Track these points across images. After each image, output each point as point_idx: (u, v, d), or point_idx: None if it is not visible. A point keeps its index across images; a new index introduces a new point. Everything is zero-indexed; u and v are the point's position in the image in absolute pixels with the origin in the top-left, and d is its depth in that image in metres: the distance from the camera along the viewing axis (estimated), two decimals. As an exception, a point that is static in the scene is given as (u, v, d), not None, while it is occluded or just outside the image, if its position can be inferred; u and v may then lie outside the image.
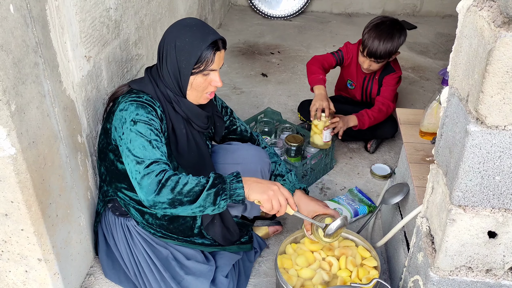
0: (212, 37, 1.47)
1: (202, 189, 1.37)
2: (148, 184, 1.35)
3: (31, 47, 1.33)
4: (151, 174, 1.37)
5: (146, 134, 1.43)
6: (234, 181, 1.40)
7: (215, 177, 1.40)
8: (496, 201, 1.15)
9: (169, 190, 1.35)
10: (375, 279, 1.50)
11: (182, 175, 1.39)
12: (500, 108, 1.02)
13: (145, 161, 1.39)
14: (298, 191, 1.71)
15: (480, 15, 1.02)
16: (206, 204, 1.37)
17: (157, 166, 1.39)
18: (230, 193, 1.39)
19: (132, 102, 1.48)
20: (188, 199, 1.36)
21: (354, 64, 2.59)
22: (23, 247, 1.51)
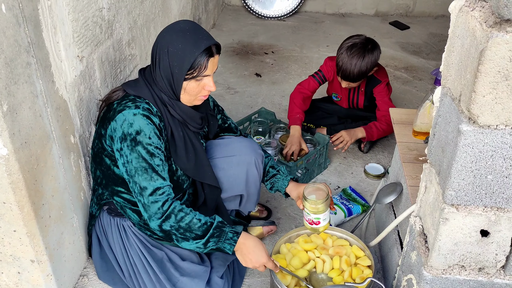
0: (205, 43, 1.46)
1: (196, 237, 1.50)
2: (153, 213, 1.48)
3: (23, 47, 1.32)
4: (155, 204, 1.48)
5: (147, 157, 1.47)
6: (228, 242, 1.52)
7: (213, 234, 1.50)
8: (488, 200, 1.16)
9: (169, 225, 1.49)
10: (369, 278, 1.51)
11: (186, 215, 1.49)
12: (492, 107, 1.03)
13: (148, 188, 1.47)
14: (291, 180, 1.81)
15: (472, 15, 1.03)
16: (194, 248, 1.53)
17: (161, 196, 1.48)
18: (219, 246, 1.52)
19: (130, 115, 1.46)
20: (181, 237, 1.50)
21: (336, 79, 2.57)
22: (15, 248, 1.50)
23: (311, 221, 1.64)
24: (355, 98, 2.63)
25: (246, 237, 1.54)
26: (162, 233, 1.50)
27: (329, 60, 2.60)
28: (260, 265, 1.53)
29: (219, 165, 1.76)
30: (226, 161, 1.76)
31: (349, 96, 2.64)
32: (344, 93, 2.64)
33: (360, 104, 2.64)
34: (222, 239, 1.51)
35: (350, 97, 2.64)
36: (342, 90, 2.63)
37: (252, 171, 1.76)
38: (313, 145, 2.42)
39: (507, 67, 0.97)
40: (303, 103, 2.54)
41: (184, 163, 1.62)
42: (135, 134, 1.46)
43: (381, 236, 1.73)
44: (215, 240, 1.51)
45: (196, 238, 1.49)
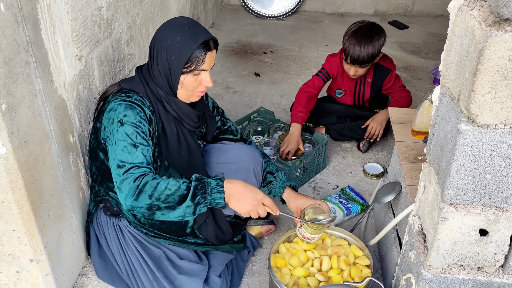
0: (203, 37, 1.47)
1: (181, 198, 1.37)
2: (127, 189, 1.36)
3: (22, 46, 1.32)
4: (129, 178, 1.37)
5: (132, 136, 1.43)
6: (215, 190, 1.40)
7: (196, 185, 1.38)
8: (487, 199, 1.16)
9: (146, 196, 1.35)
10: (368, 278, 1.51)
11: (162, 180, 1.37)
12: (491, 107, 1.03)
13: (126, 165, 1.39)
14: (288, 188, 1.76)
15: (471, 14, 1.03)
16: (185, 214, 1.39)
17: (137, 170, 1.38)
18: (210, 201, 1.40)
19: (121, 102, 1.48)
20: (166, 205, 1.36)
21: (340, 73, 2.61)
22: (14, 248, 1.50)
23: (306, 237, 1.64)
24: (361, 90, 2.63)
25: (231, 181, 1.43)
26: (145, 210, 1.36)
27: (331, 57, 2.61)
28: (259, 201, 1.44)
29: (217, 171, 1.76)
30: (224, 168, 1.76)
31: (355, 89, 2.64)
32: (350, 87, 2.64)
33: (366, 96, 2.64)
34: (208, 190, 1.39)
35: (356, 90, 2.64)
36: (347, 83, 2.63)
37: (251, 179, 1.76)
38: (312, 144, 2.42)
39: (506, 67, 0.97)
40: (308, 103, 2.53)
41: (175, 160, 1.62)
42: (123, 116, 1.45)
43: (380, 236, 1.73)
44: (201, 193, 1.38)
45: (181, 200, 1.36)
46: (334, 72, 2.61)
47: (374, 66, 2.54)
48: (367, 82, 2.60)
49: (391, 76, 2.56)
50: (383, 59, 2.55)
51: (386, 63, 2.56)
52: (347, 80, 2.62)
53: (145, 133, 1.46)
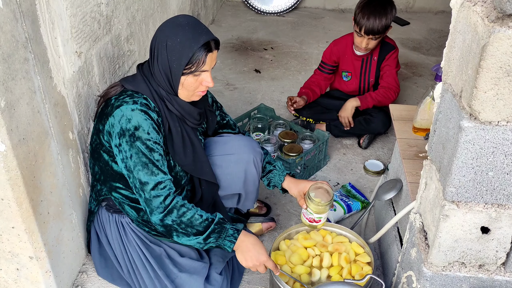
0: (204, 38, 1.46)
1: (197, 233, 1.49)
2: (155, 207, 1.48)
3: (20, 42, 1.31)
4: (157, 198, 1.47)
5: (147, 152, 1.47)
6: (228, 239, 1.52)
7: (214, 229, 1.50)
8: (489, 197, 1.15)
9: (170, 220, 1.48)
10: (368, 275, 1.50)
11: (188, 211, 1.49)
12: (494, 103, 1.02)
13: (149, 183, 1.47)
14: (288, 176, 1.79)
15: (474, 10, 1.02)
16: (195, 244, 1.53)
17: (162, 190, 1.48)
18: (220, 244, 1.52)
19: (128, 111, 1.46)
20: (182, 232, 1.50)
21: (346, 54, 2.63)
22: (14, 245, 1.49)
23: (312, 220, 1.65)
24: (367, 69, 2.63)
25: (246, 235, 1.54)
26: (163, 228, 1.50)
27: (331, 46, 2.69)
28: (260, 263, 1.52)
29: (217, 163, 1.76)
30: (224, 159, 1.76)
31: (362, 68, 2.64)
32: (357, 67, 2.65)
33: (372, 75, 2.65)
34: (222, 236, 1.51)
35: (363, 69, 2.64)
36: (353, 63, 2.64)
37: (251, 170, 1.76)
38: (313, 141, 2.41)
39: (509, 63, 0.97)
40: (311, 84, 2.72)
41: (181, 159, 1.61)
42: (134, 129, 1.45)
43: (381, 233, 1.73)
44: (216, 236, 1.50)
45: (197, 234, 1.49)
46: (337, 56, 2.66)
47: (381, 44, 2.58)
48: (373, 61, 2.61)
49: (393, 53, 2.58)
50: (389, 38, 2.61)
51: (391, 41, 2.61)
52: (353, 60, 2.64)
53: (157, 143, 1.50)
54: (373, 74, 2.65)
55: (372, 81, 2.67)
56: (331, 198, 1.62)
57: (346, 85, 2.74)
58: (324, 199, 1.62)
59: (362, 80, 2.69)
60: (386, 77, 2.59)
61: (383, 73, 2.61)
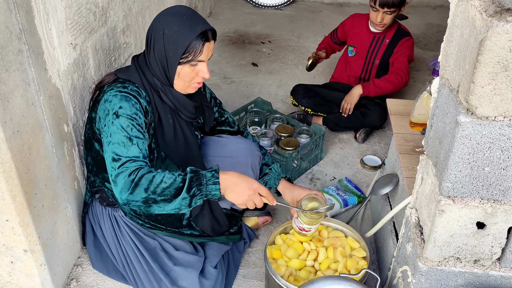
0: (201, 27, 1.45)
1: (177, 191, 1.36)
2: (123, 183, 1.35)
3: (14, 33, 1.29)
4: (124, 172, 1.36)
5: (127, 129, 1.41)
6: (210, 181, 1.39)
7: (192, 177, 1.37)
8: (485, 192, 1.15)
9: (142, 189, 1.34)
10: (364, 270, 1.50)
11: (157, 173, 1.37)
12: (491, 98, 1.01)
13: (121, 159, 1.38)
14: (283, 179, 1.75)
15: (472, 4, 1.01)
16: (181, 206, 1.38)
17: (132, 164, 1.37)
18: (206, 193, 1.39)
19: (117, 93, 1.45)
20: (162, 198, 1.36)
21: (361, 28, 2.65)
22: (8, 238, 1.48)
23: (302, 228, 1.63)
24: (376, 49, 2.63)
25: (225, 172, 1.43)
26: (140, 203, 1.36)
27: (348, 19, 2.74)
28: (255, 191, 1.42)
29: (214, 164, 1.74)
30: (221, 161, 1.74)
31: (370, 46, 2.64)
32: (365, 43, 2.65)
33: (378, 57, 2.64)
34: (203, 182, 1.38)
35: (371, 48, 2.64)
36: (363, 39, 2.65)
37: (248, 174, 1.73)
38: (309, 135, 2.40)
39: (506, 58, 0.96)
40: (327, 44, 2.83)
41: (172, 151, 1.60)
42: (118, 108, 1.43)
43: (377, 228, 1.73)
44: (197, 185, 1.37)
45: (177, 193, 1.36)
46: (347, 29, 2.71)
47: (396, 28, 2.59)
48: (384, 42, 2.61)
49: (408, 40, 2.58)
50: (404, 27, 2.62)
51: (407, 30, 2.62)
52: (363, 35, 2.64)
53: (140, 126, 1.45)
54: (380, 55, 2.64)
55: (377, 62, 2.65)
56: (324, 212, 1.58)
57: (349, 61, 2.73)
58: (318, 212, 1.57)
59: (367, 58, 2.67)
60: (397, 63, 2.58)
61: (394, 59, 2.60)
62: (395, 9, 2.44)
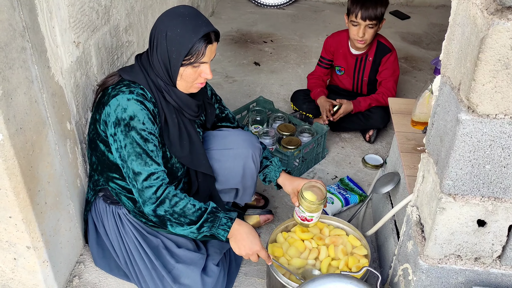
0: (204, 30, 1.45)
1: (191, 222, 1.49)
2: (148, 198, 1.47)
3: (18, 31, 1.30)
4: (150, 189, 1.47)
5: (141, 143, 1.46)
6: (222, 227, 1.52)
7: (207, 219, 1.50)
8: (485, 190, 1.16)
9: (163, 210, 1.48)
10: (365, 268, 1.51)
11: (180, 200, 1.49)
12: (492, 96, 1.02)
13: (142, 173, 1.47)
14: (283, 172, 1.78)
15: (473, 2, 1.01)
16: (189, 234, 1.52)
17: (155, 181, 1.48)
18: (213, 232, 1.52)
19: (123, 100, 1.46)
20: (176, 222, 1.50)
21: (341, 49, 2.63)
22: (11, 235, 1.49)
23: (304, 218, 1.64)
24: (361, 68, 2.63)
25: (240, 223, 1.54)
26: (156, 218, 1.50)
27: (329, 37, 2.70)
28: (253, 253, 1.52)
29: (216, 157, 1.75)
30: (222, 154, 1.75)
31: (355, 66, 2.64)
32: (350, 65, 2.64)
33: (366, 75, 2.64)
34: (216, 225, 1.51)
35: (357, 68, 2.64)
36: (347, 60, 2.64)
37: (249, 165, 1.75)
38: (311, 134, 2.41)
39: (507, 55, 0.96)
40: (321, 82, 2.72)
41: (178, 150, 1.61)
42: (129, 119, 1.45)
43: (378, 226, 1.73)
44: (209, 225, 1.50)
45: (190, 224, 1.49)
46: (331, 50, 2.67)
47: (376, 45, 2.57)
48: (368, 61, 2.60)
49: (390, 55, 2.57)
50: (385, 40, 2.59)
51: (388, 44, 2.60)
52: (346, 57, 2.64)
53: (152, 134, 1.49)
54: (367, 74, 2.64)
55: (366, 80, 2.67)
56: (324, 197, 1.61)
57: (340, 79, 2.74)
58: (317, 198, 1.61)
59: (355, 78, 2.69)
60: (385, 83, 2.58)
61: (381, 79, 2.60)
62: (376, 22, 2.42)
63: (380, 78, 2.61)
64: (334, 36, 2.67)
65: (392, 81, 2.58)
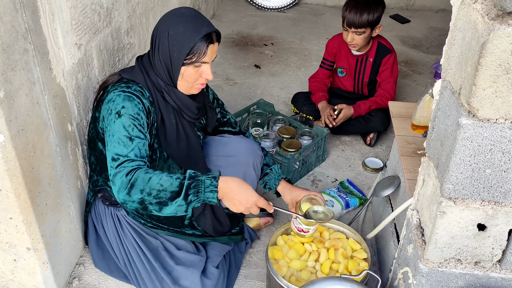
0: (206, 29, 1.46)
1: (173, 194, 1.35)
2: (120, 182, 1.35)
3: (20, 33, 1.30)
4: (122, 171, 1.37)
5: (128, 129, 1.42)
6: (208, 189, 1.38)
7: (189, 184, 1.36)
8: (486, 194, 1.16)
9: (138, 190, 1.34)
10: (365, 271, 1.51)
11: (154, 175, 1.36)
12: (492, 101, 1.02)
13: (120, 158, 1.39)
14: (283, 180, 1.77)
15: (474, 8, 1.02)
16: (177, 211, 1.38)
17: (130, 164, 1.38)
18: (203, 199, 1.39)
19: (120, 93, 1.47)
20: (157, 201, 1.35)
21: (342, 50, 2.65)
22: (11, 236, 1.49)
23: (301, 229, 1.63)
24: (362, 69, 2.64)
25: (226, 180, 1.41)
26: (135, 204, 1.36)
27: (331, 39, 2.71)
28: (252, 204, 1.42)
29: (216, 163, 1.75)
30: (223, 160, 1.75)
31: (356, 67, 2.65)
32: (351, 64, 2.66)
33: (366, 76, 2.66)
34: (201, 189, 1.37)
35: (357, 69, 2.65)
36: (348, 61, 2.65)
37: (250, 173, 1.75)
38: (312, 137, 2.41)
39: (508, 61, 0.97)
40: (323, 86, 2.72)
41: (174, 151, 1.61)
42: (121, 108, 1.44)
43: (378, 229, 1.74)
44: (194, 192, 1.36)
45: (173, 198, 1.35)
46: (334, 52, 2.68)
47: (377, 46, 2.58)
48: (368, 62, 2.62)
49: (390, 56, 2.58)
50: (385, 41, 2.60)
51: (388, 45, 2.61)
52: (348, 58, 2.65)
53: (142, 126, 1.46)
54: (368, 75, 2.66)
55: (366, 81, 2.69)
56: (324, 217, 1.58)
57: (341, 81, 2.75)
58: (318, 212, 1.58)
59: (356, 79, 2.70)
60: (384, 84, 2.60)
61: (381, 80, 2.61)
62: (364, 30, 2.43)
63: (380, 79, 2.62)
64: (335, 38, 2.69)
65: (392, 82, 2.59)
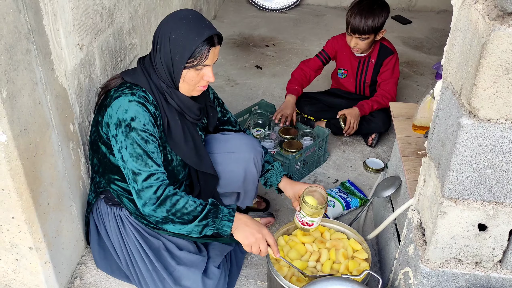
0: (208, 33, 1.46)
1: (194, 218, 1.48)
2: (147, 198, 1.46)
3: (23, 33, 1.31)
4: (150, 189, 1.46)
5: (142, 143, 1.46)
6: (225, 218, 1.50)
7: (210, 209, 1.50)
8: (486, 194, 1.16)
9: (164, 210, 1.46)
10: (366, 271, 1.51)
11: (181, 197, 1.48)
12: (493, 101, 1.02)
13: (142, 173, 1.46)
14: (285, 176, 1.78)
15: (475, 8, 1.02)
16: (193, 231, 1.50)
17: (155, 181, 1.47)
18: (218, 226, 1.50)
19: (126, 102, 1.47)
20: (179, 221, 1.48)
21: (344, 51, 2.65)
22: (14, 235, 1.50)
23: (305, 223, 1.64)
24: (364, 70, 2.64)
25: (240, 214, 1.54)
26: (158, 219, 1.48)
27: (334, 38, 2.69)
28: (263, 235, 1.50)
29: (218, 161, 1.76)
30: (224, 157, 1.76)
31: (358, 68, 2.65)
32: (353, 66, 2.66)
33: (368, 77, 2.66)
34: (219, 217, 1.50)
35: (359, 70, 2.65)
36: (350, 62, 2.65)
37: (251, 169, 1.76)
38: (313, 138, 2.42)
39: (509, 61, 0.97)
40: (303, 80, 2.66)
41: (183, 150, 1.62)
42: (130, 120, 1.45)
43: (379, 230, 1.74)
44: (212, 217, 1.49)
45: (193, 220, 1.48)
46: (334, 51, 2.67)
47: (379, 47, 2.58)
48: (370, 63, 2.62)
49: (392, 58, 2.58)
50: (387, 42, 2.60)
51: (390, 46, 2.61)
52: (350, 59, 2.65)
53: (153, 135, 1.50)
54: (370, 76, 2.67)
55: (368, 82, 2.69)
56: (325, 202, 1.61)
57: (342, 82, 2.75)
58: (318, 202, 1.61)
59: (358, 79, 2.70)
60: (384, 85, 2.60)
61: (381, 81, 2.61)
62: (367, 36, 2.44)
63: (380, 79, 2.62)
64: (339, 38, 2.68)
65: (392, 83, 2.59)
